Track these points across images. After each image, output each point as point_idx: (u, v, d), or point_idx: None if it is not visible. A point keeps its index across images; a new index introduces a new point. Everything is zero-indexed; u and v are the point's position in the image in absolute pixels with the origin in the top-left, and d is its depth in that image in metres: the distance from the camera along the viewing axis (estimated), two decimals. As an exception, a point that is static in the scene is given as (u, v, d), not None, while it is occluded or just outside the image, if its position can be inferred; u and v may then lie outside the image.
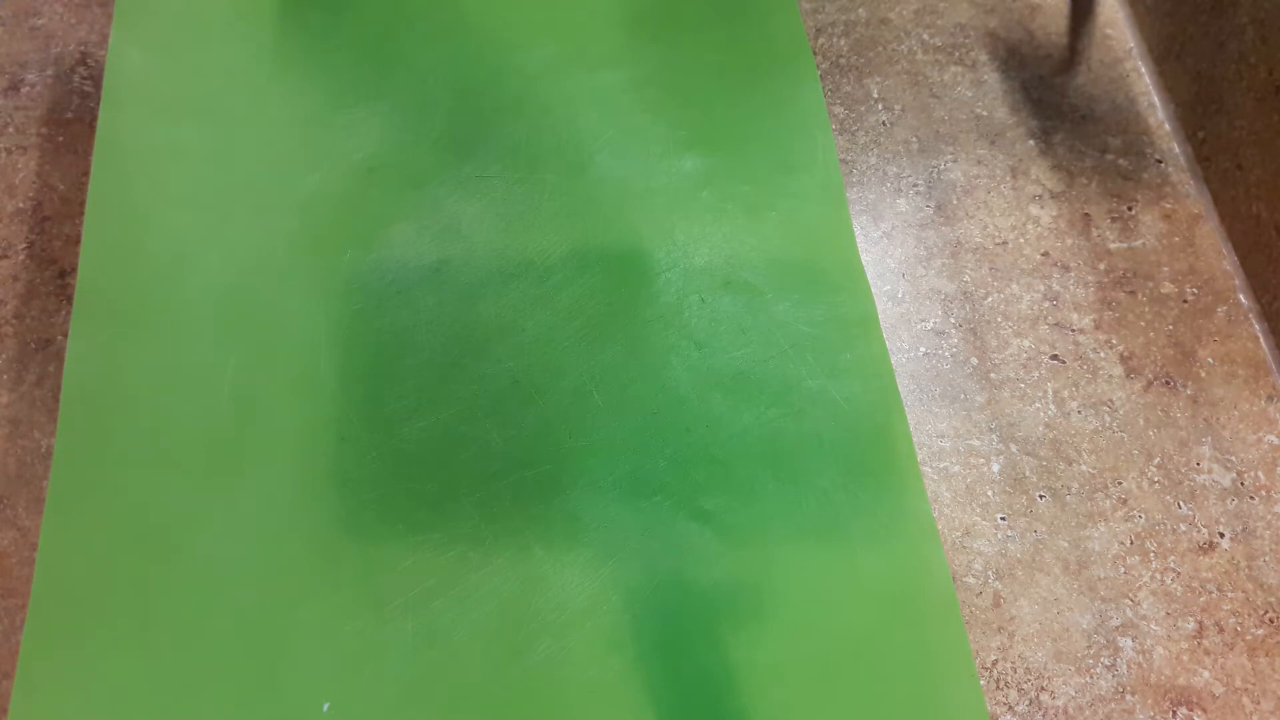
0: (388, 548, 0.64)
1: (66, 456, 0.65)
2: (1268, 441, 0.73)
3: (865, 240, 0.80)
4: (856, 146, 0.85)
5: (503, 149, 0.79)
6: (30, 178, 0.78)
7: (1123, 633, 0.66)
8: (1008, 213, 0.82)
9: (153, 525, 0.63)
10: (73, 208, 0.77)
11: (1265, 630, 0.66)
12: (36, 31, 0.85)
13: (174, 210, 0.74)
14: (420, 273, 0.73)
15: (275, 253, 0.73)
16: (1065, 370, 0.75)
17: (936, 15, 0.92)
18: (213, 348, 0.69)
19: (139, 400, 0.67)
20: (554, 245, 0.75)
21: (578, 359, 0.70)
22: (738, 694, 0.60)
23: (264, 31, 0.83)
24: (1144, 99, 0.88)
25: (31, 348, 0.72)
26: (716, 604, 0.63)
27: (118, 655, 0.60)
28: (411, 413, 0.68)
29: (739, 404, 0.69)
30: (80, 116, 0.81)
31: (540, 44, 0.84)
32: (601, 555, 0.64)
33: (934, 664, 0.62)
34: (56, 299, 0.74)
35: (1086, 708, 0.63)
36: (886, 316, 0.76)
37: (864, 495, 0.66)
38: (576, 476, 0.66)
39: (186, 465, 0.65)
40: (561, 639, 0.61)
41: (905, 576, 0.64)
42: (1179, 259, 0.80)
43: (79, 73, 0.83)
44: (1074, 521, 0.69)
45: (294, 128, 0.79)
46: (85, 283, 0.71)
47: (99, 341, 0.69)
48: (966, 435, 0.72)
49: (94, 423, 0.66)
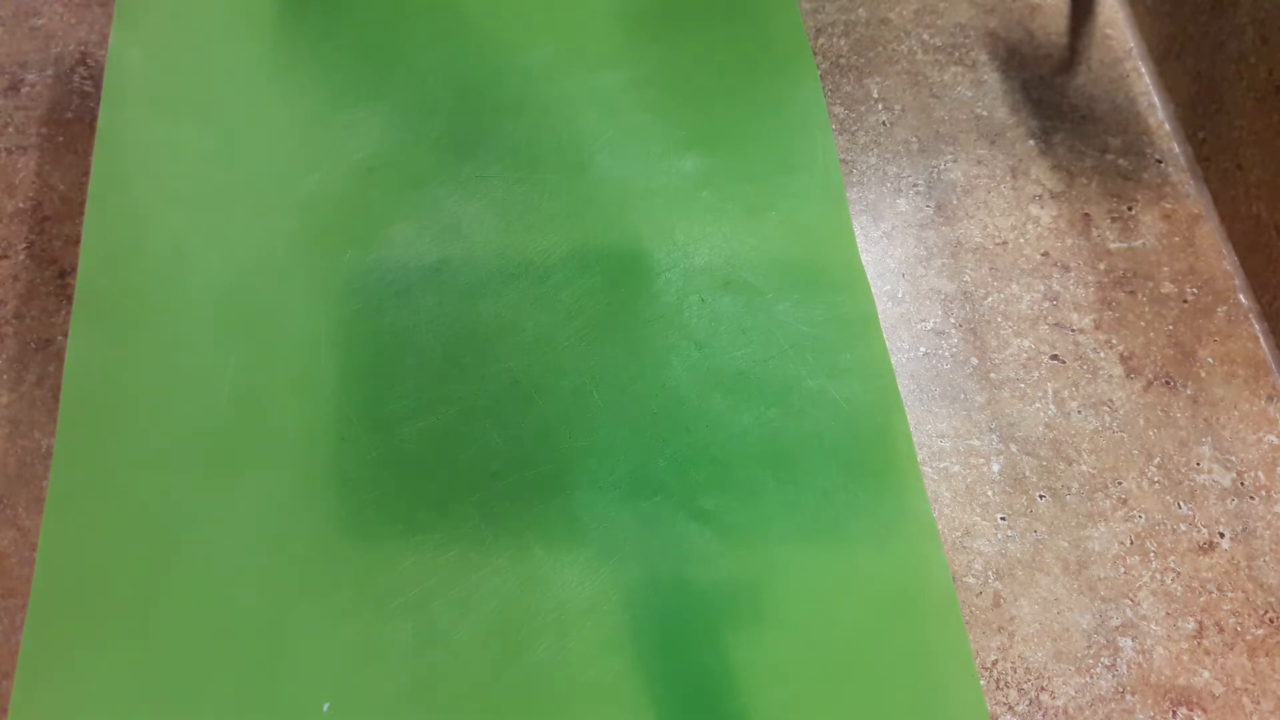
0: (388, 548, 0.64)
1: (66, 456, 0.65)
2: (1268, 441, 0.73)
3: (865, 240, 0.80)
4: (856, 146, 0.85)
5: (503, 149, 0.79)
6: (30, 178, 0.78)
7: (1123, 633, 0.66)
8: (1008, 213, 0.82)
9: (153, 525, 0.63)
10: (73, 208, 0.77)
11: (1265, 630, 0.66)
12: (36, 31, 0.85)
13: (174, 210, 0.74)
14: (420, 273, 0.73)
15: (275, 253, 0.73)
16: (1065, 370, 0.75)
17: (936, 15, 0.92)
18: (213, 348, 0.69)
19: (139, 400, 0.67)
20: (554, 245, 0.75)
21: (578, 359, 0.70)
22: (738, 694, 0.60)
23: (264, 31, 0.83)
24: (1144, 99, 0.88)
25: (31, 348, 0.72)
26: (716, 604, 0.63)
27: (117, 655, 0.60)
28: (411, 413, 0.68)
29: (739, 404, 0.69)
30: (80, 116, 0.81)
31: (540, 44, 0.84)
32: (601, 555, 0.64)
33: (934, 664, 0.62)
34: (56, 299, 0.74)
35: (1086, 708, 0.63)
36: (886, 316, 0.76)
37: (864, 495, 0.66)
38: (576, 476, 0.66)
39: (186, 465, 0.65)
40: (561, 639, 0.61)
41: (905, 576, 0.64)
42: (1179, 259, 0.80)
43: (79, 73, 0.83)
44: (1074, 521, 0.69)
45: (294, 128, 0.79)
46: (85, 283, 0.71)
47: (99, 341, 0.69)
48: (966, 435, 0.72)
49: (94, 423, 0.66)
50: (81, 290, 0.70)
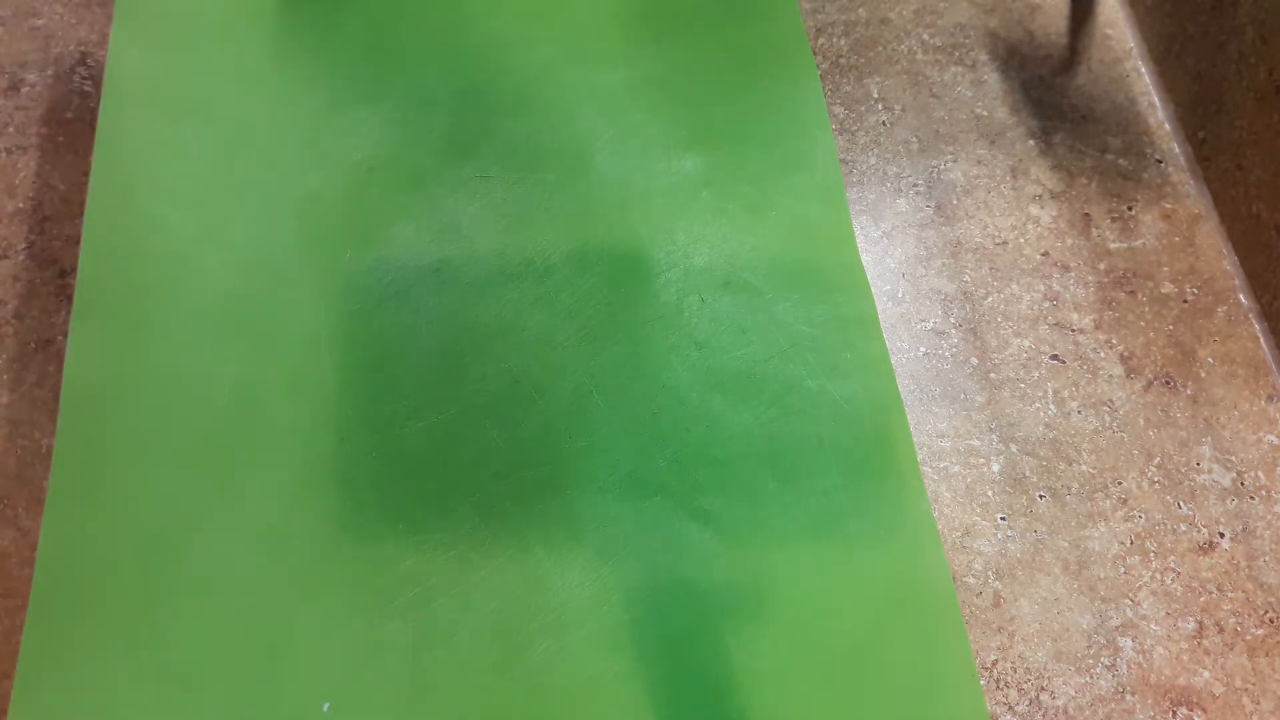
0: (388, 548, 0.63)
1: (66, 456, 0.65)
2: (1268, 441, 0.73)
3: (865, 240, 0.80)
4: (856, 146, 0.85)
5: (503, 149, 0.79)
6: (30, 178, 0.78)
7: (1123, 633, 0.66)
8: (1008, 213, 0.82)
9: (153, 525, 0.63)
10: (73, 208, 0.77)
11: (1265, 630, 0.66)
12: (36, 31, 0.85)
13: (174, 210, 0.74)
14: (420, 273, 0.73)
15: (275, 253, 0.73)
16: (1065, 370, 0.75)
17: (936, 15, 0.92)
18: (213, 347, 0.69)
19: (139, 400, 0.67)
20: (554, 245, 0.75)
21: (578, 359, 0.70)
22: (738, 694, 0.60)
23: (264, 31, 0.83)
24: (1144, 99, 0.88)
25: (31, 348, 0.72)
26: (716, 604, 0.63)
27: (117, 655, 0.60)
28: (411, 413, 0.68)
29: (739, 404, 0.69)
30: (80, 116, 0.81)
31: (540, 44, 0.84)
32: (601, 555, 0.64)
33: (934, 664, 0.62)
34: (56, 299, 0.74)
35: (1086, 708, 0.63)
36: (886, 316, 0.76)
37: (864, 495, 0.66)
38: (576, 476, 0.66)
39: (186, 465, 0.65)
40: (561, 639, 0.61)
41: (905, 576, 0.64)
42: (1179, 259, 0.80)
43: (79, 73, 0.83)
44: (1074, 521, 0.69)
45: (294, 128, 0.78)
46: (85, 283, 0.71)
47: (99, 341, 0.69)
48: (966, 435, 0.72)
49: (94, 423, 0.66)
50: (81, 290, 0.70)
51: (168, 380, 0.68)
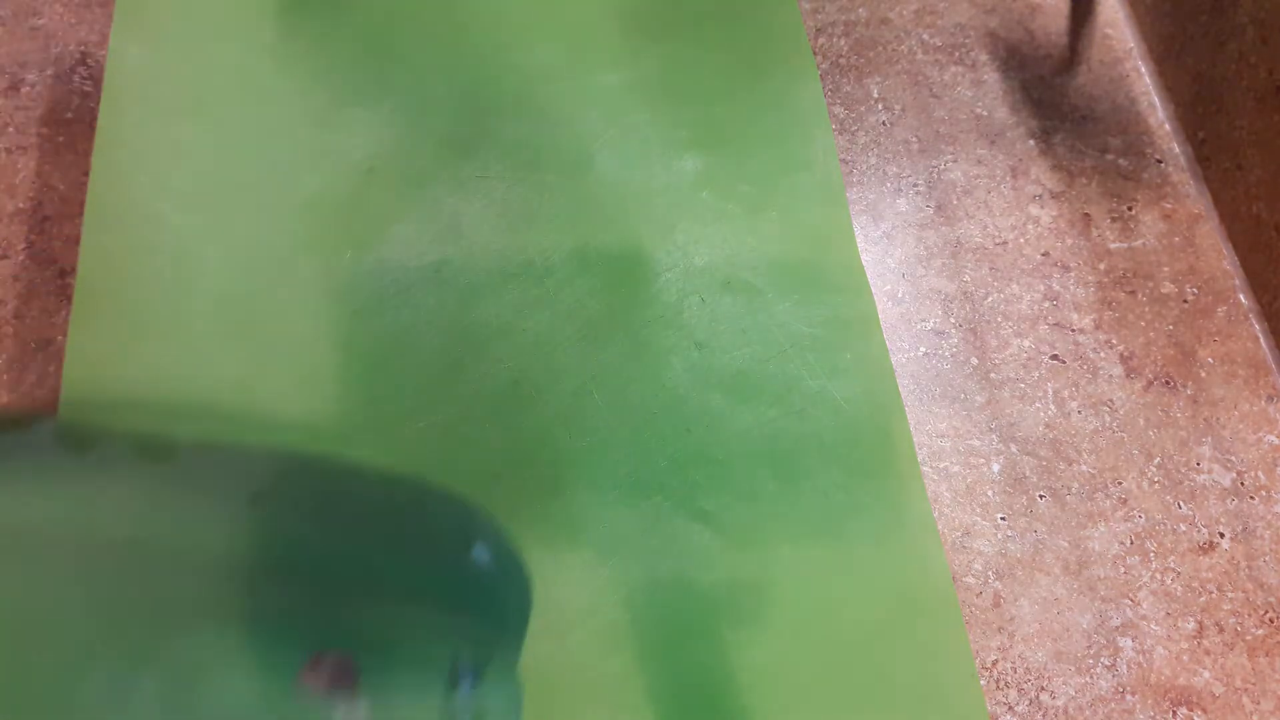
0: (388, 548, 0.64)
1: (66, 456, 0.65)
2: (1268, 441, 0.73)
3: (865, 240, 0.80)
4: (856, 146, 0.85)
5: (503, 149, 0.79)
6: (30, 178, 0.78)
7: (1123, 633, 0.66)
8: (1008, 213, 0.82)
9: (153, 525, 0.63)
10: (73, 208, 0.77)
11: (1265, 630, 0.66)
12: (36, 31, 0.85)
13: (174, 210, 0.74)
14: (420, 273, 0.73)
15: (275, 253, 0.73)
16: (1065, 370, 0.75)
17: (936, 15, 0.92)
18: (213, 348, 0.69)
19: (139, 400, 0.67)
20: (554, 245, 0.75)
21: (578, 359, 0.70)
22: (738, 694, 0.60)
23: (264, 31, 0.83)
24: (1144, 99, 0.88)
25: (31, 348, 0.72)
26: (716, 604, 0.63)
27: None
28: (411, 413, 0.68)
29: (739, 404, 0.69)
30: (80, 116, 0.81)
31: (540, 44, 0.84)
32: (601, 555, 0.64)
33: (934, 664, 0.62)
34: (56, 299, 0.74)
35: (1086, 708, 0.63)
36: (886, 316, 0.76)
37: (864, 495, 0.66)
38: (576, 477, 0.66)
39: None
40: (561, 639, 0.61)
41: (905, 576, 0.64)
42: (1179, 259, 0.80)
43: (79, 73, 0.83)
44: (1074, 521, 0.69)
45: (294, 128, 0.78)
46: (85, 283, 0.71)
47: (99, 341, 0.69)
48: (966, 435, 0.72)
49: (94, 423, 0.66)
50: (81, 290, 0.70)
51: (168, 380, 0.68)
